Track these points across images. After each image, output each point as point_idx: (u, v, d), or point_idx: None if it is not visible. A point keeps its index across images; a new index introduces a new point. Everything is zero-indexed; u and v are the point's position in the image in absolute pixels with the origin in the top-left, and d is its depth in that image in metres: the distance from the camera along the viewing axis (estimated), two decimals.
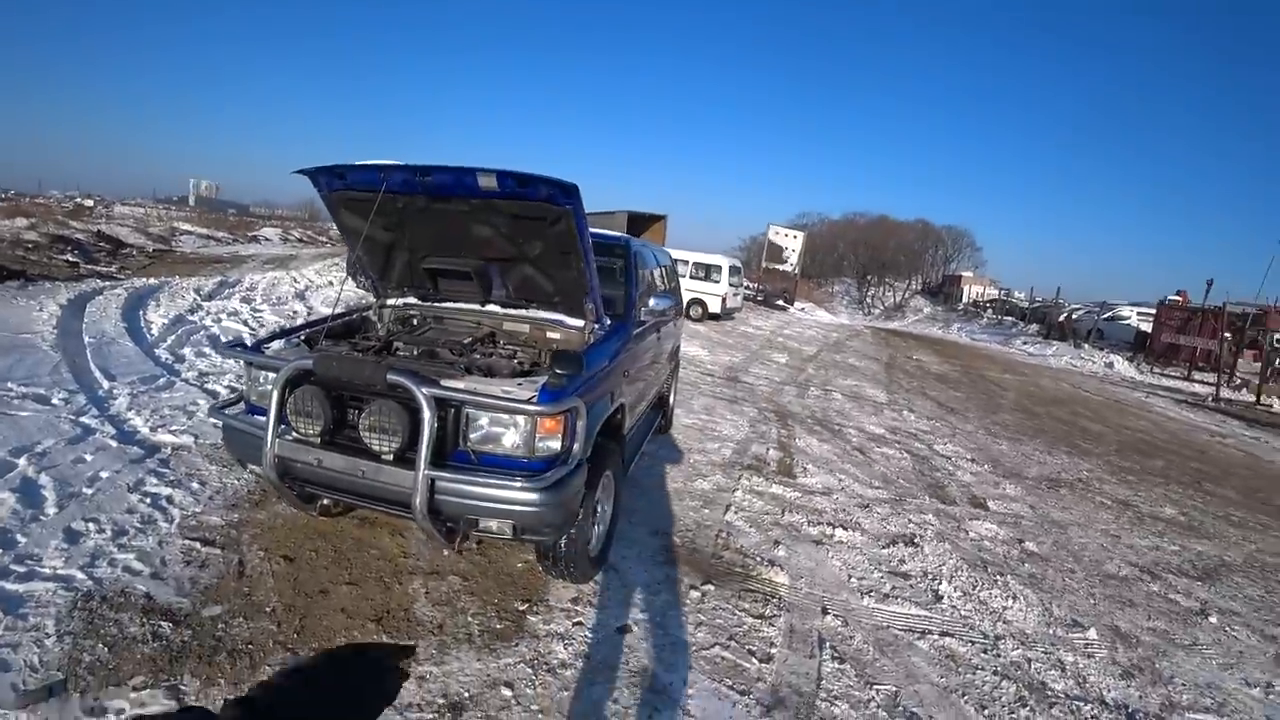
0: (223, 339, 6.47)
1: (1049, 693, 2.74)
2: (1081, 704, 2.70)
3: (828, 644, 2.83)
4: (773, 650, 2.73)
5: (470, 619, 2.62)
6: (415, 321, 3.53)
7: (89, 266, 9.21)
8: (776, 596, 3.17)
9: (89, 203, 19.58)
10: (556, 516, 2.36)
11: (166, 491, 3.28)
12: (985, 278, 50.32)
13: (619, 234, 4.28)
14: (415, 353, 2.95)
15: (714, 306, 15.57)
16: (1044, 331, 26.57)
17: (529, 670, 2.38)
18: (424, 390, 2.21)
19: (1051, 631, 3.24)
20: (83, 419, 3.96)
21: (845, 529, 4.08)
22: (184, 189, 51.58)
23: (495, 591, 2.84)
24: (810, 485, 4.88)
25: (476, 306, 3.39)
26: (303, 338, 2.99)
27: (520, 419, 2.32)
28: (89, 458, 3.49)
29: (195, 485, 3.41)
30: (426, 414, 2.19)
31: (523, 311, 3.32)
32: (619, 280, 3.78)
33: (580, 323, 3.18)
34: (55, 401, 4.18)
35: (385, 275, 3.44)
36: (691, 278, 15.76)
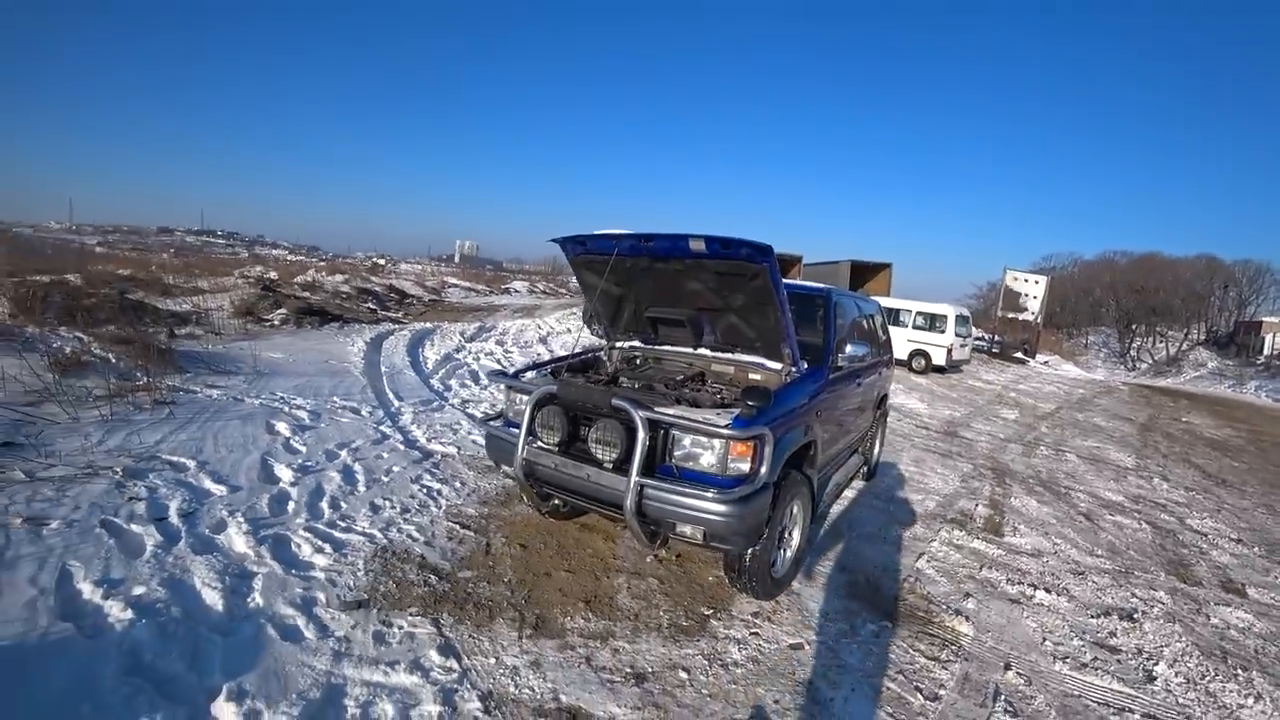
0: (481, 375, 7.82)
1: None
2: None
3: (1003, 697, 2.71)
4: (942, 692, 2.70)
5: (662, 614, 3.01)
6: (638, 361, 4.14)
7: (383, 313, 11.78)
8: (956, 644, 3.09)
9: (382, 261, 24.82)
10: (741, 528, 2.65)
11: (437, 486, 4.20)
12: None
13: (821, 285, 4.53)
14: (636, 385, 3.51)
15: (938, 358, 14.59)
16: None
17: (704, 662, 2.68)
18: (640, 413, 2.71)
19: None
20: (381, 427, 5.19)
21: (1049, 592, 3.75)
22: (451, 248, 62.63)
23: (686, 596, 3.19)
24: (1018, 545, 4.52)
25: (690, 350, 3.90)
26: (549, 370, 3.72)
27: (716, 442, 2.71)
28: (385, 455, 4.60)
29: (457, 484, 4.30)
30: (640, 432, 2.68)
31: (728, 355, 3.75)
32: (818, 329, 4.03)
33: (778, 365, 3.52)
34: (364, 413, 5.53)
35: (615, 322, 4.11)
36: (915, 328, 15.05)
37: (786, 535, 3.31)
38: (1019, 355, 23.83)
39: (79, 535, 2.92)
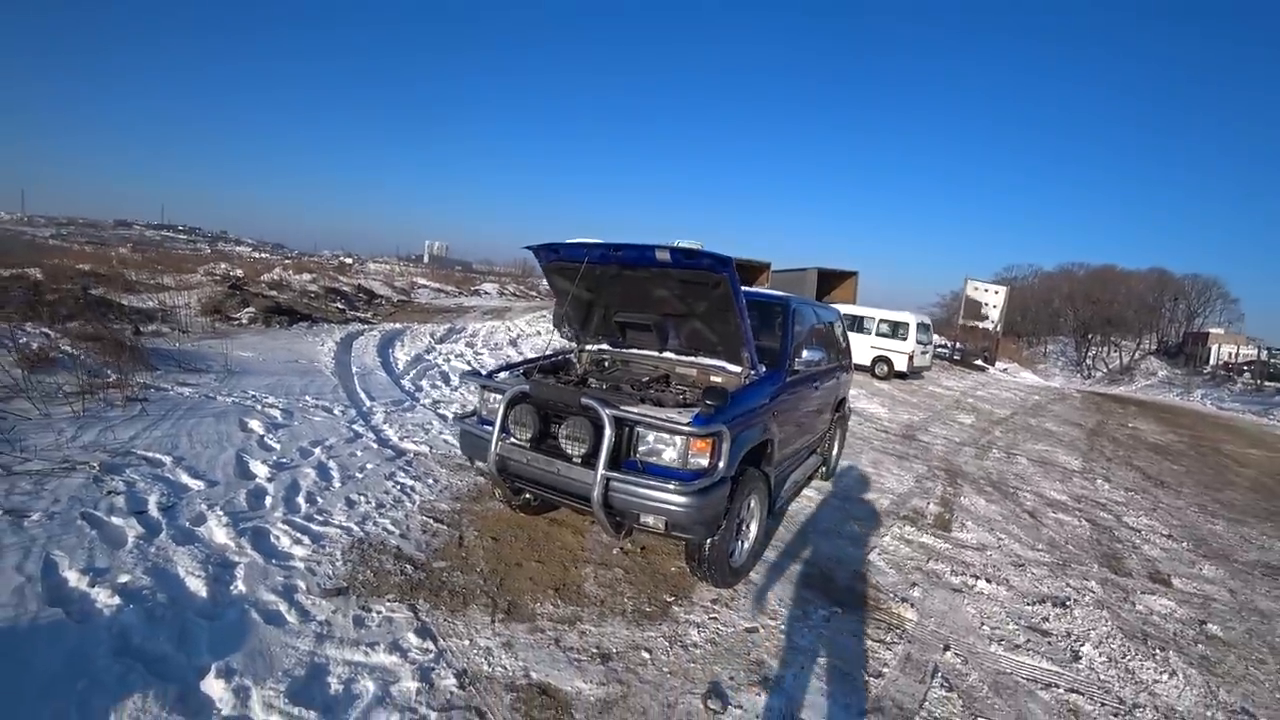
0: (452, 376, 7.92)
1: None
2: None
3: (941, 674, 2.97)
4: (885, 670, 2.95)
5: (626, 600, 3.21)
6: (606, 363, 4.34)
7: (352, 313, 11.75)
8: (901, 628, 3.34)
9: (349, 260, 24.53)
10: (700, 518, 2.87)
11: (411, 483, 4.33)
12: (1240, 335, 41.57)
13: (782, 294, 4.77)
14: (604, 386, 3.71)
15: (900, 365, 15.11)
16: None
17: (666, 643, 2.89)
18: (607, 411, 2.92)
19: (1209, 714, 2.99)
20: (354, 426, 5.29)
21: (990, 582, 4.05)
22: (420, 248, 61.86)
23: (650, 585, 3.40)
24: (964, 540, 4.84)
25: (655, 353, 4.12)
26: (521, 371, 3.91)
27: (677, 438, 2.93)
28: (359, 454, 4.71)
29: (430, 481, 4.43)
30: (607, 429, 2.88)
31: (692, 358, 3.98)
32: (777, 335, 4.28)
33: (738, 369, 3.76)
34: (336, 412, 5.61)
35: (585, 326, 4.30)
36: (878, 334, 15.59)
37: (744, 528, 3.55)
38: (979, 363, 24.73)
39: (60, 527, 3.00)
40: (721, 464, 2.91)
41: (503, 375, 3.77)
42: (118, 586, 2.67)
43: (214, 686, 2.27)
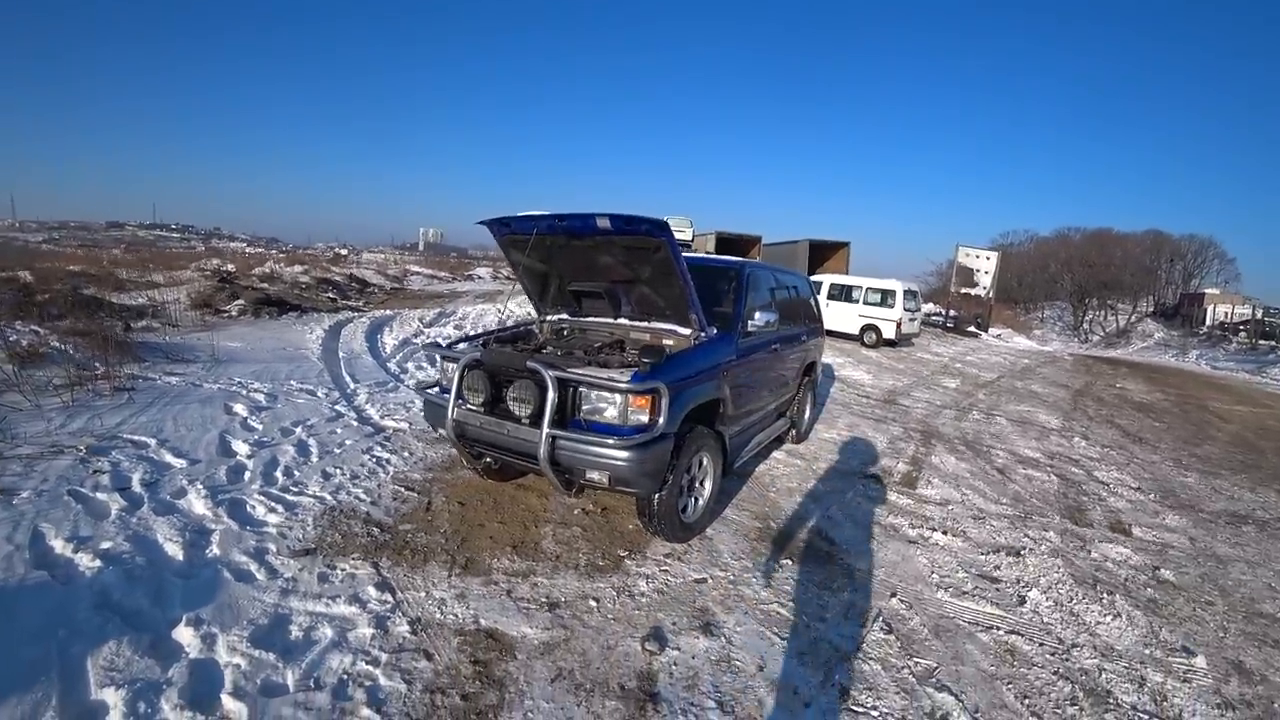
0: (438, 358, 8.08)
1: (1111, 702, 2.69)
2: None
3: (882, 618, 3.11)
4: (827, 615, 3.11)
5: (581, 555, 3.40)
6: (565, 332, 4.50)
7: (344, 301, 11.96)
8: (849, 577, 3.49)
9: (344, 251, 24.73)
10: (641, 472, 3.05)
11: (387, 456, 4.52)
12: (1236, 295, 41.23)
13: (734, 259, 4.88)
14: (559, 353, 3.86)
15: (888, 332, 15.18)
16: None
17: (614, 593, 3.07)
18: (550, 373, 3.08)
19: (1148, 652, 3.11)
20: (337, 407, 5.49)
21: (947, 534, 4.19)
22: (415, 236, 61.81)
23: (606, 541, 3.58)
24: (927, 495, 4.98)
25: (611, 320, 4.26)
26: (481, 341, 4.06)
27: (617, 396, 3.08)
28: (339, 431, 4.90)
29: (406, 454, 4.62)
30: (550, 389, 3.05)
31: (645, 323, 4.12)
32: (730, 299, 4.39)
33: (687, 331, 3.89)
34: (319, 394, 5.81)
35: (543, 297, 4.45)
36: (865, 303, 15.66)
37: (697, 485, 3.72)
38: (971, 329, 24.67)
39: (48, 502, 3.21)
40: (661, 420, 3.06)
41: (461, 346, 3.92)
42: (100, 552, 2.87)
43: (184, 634, 2.47)
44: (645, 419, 3.07)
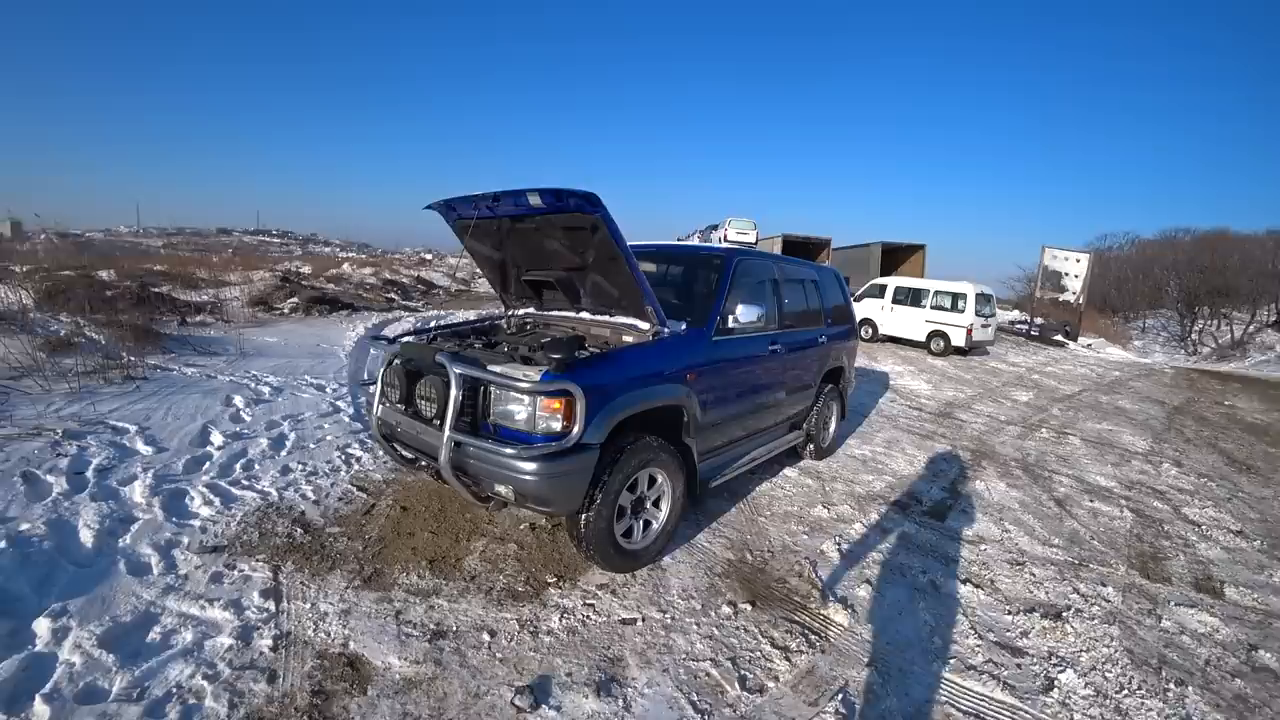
0: None
1: None
2: None
3: (843, 696, 2.46)
4: (770, 685, 2.50)
5: (502, 578, 3.02)
6: (528, 326, 4.13)
7: (402, 302, 12.35)
8: (821, 634, 2.85)
9: (429, 256, 25.87)
10: (551, 488, 2.63)
11: (359, 454, 4.39)
12: None
13: (723, 246, 4.33)
14: (506, 348, 3.46)
15: (958, 339, 13.76)
16: None
17: (516, 627, 2.66)
18: (454, 368, 2.73)
19: None
20: (337, 402, 5.46)
21: (968, 584, 3.44)
22: None
23: (538, 563, 3.19)
24: (957, 531, 4.19)
25: (572, 314, 3.86)
26: (432, 335, 3.79)
27: (529, 398, 2.68)
28: (326, 427, 4.84)
29: (380, 453, 4.45)
30: (453, 387, 2.71)
31: (606, 317, 3.65)
32: (712, 291, 3.85)
33: (646, 325, 3.41)
34: (327, 390, 5.83)
35: (507, 288, 4.13)
36: (933, 307, 14.32)
37: (648, 506, 3.25)
38: (1058, 338, 22.04)
39: None
40: (576, 428, 2.64)
41: (408, 339, 3.67)
42: (14, 534, 2.85)
43: (41, 625, 2.37)
44: (558, 425, 2.66)
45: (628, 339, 3.48)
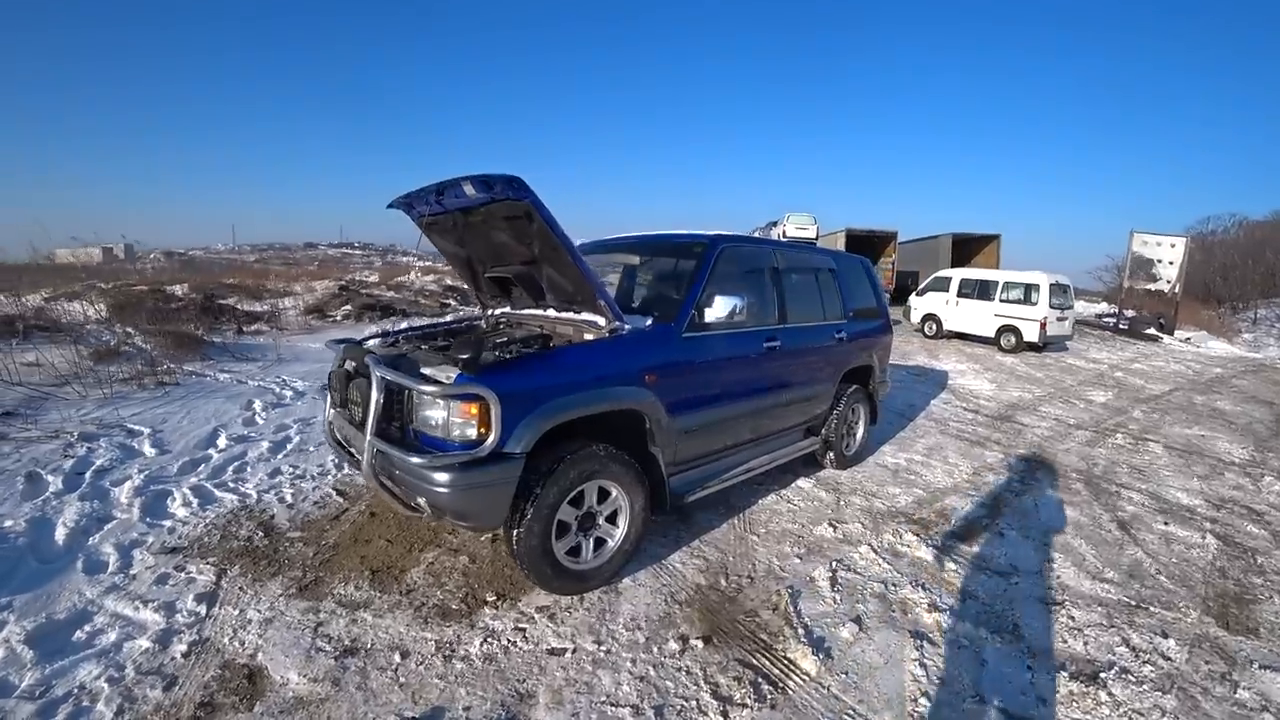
0: None
1: None
2: None
3: None
4: None
5: (439, 594, 2.86)
6: (501, 326, 3.91)
7: (458, 306, 12.60)
8: (777, 684, 2.42)
9: None
10: (467, 503, 2.45)
11: None
12: None
13: (707, 234, 3.93)
14: (453, 350, 3.15)
15: (1030, 334, 12.48)
16: None
17: (432, 650, 2.48)
18: (376, 371, 2.61)
19: None
20: None
21: (983, 628, 2.87)
22: None
23: (484, 580, 3.00)
24: (985, 557, 3.58)
25: (540, 311, 3.64)
26: (397, 337, 3.73)
27: (442, 401, 2.50)
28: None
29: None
30: (374, 390, 2.59)
31: (569, 314, 3.41)
32: (688, 283, 3.51)
33: (603, 321, 3.15)
34: None
35: (479, 286, 4.02)
36: (1002, 300, 13.09)
37: (601, 523, 3.00)
38: (1150, 332, 19.51)
39: None
40: (493, 436, 2.42)
41: (372, 342, 3.61)
42: None
43: None
44: (474, 433, 2.47)
45: (588, 336, 3.24)
